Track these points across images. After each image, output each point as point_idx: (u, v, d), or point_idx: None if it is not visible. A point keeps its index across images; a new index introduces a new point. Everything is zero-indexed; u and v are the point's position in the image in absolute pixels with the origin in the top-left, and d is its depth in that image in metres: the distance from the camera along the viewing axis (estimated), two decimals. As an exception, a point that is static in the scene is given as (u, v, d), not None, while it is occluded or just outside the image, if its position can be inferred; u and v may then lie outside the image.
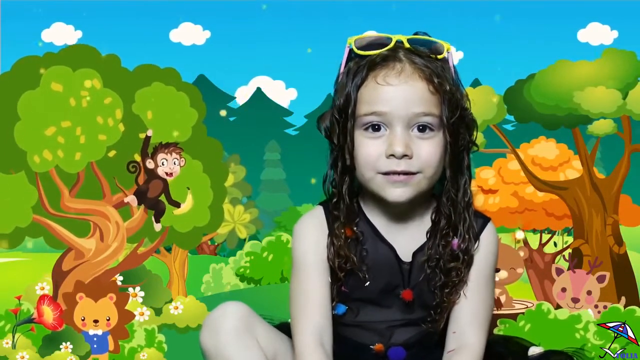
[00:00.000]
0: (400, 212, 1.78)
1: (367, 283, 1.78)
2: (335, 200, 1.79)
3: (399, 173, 1.69)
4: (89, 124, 2.47)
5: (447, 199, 1.77)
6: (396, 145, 1.67)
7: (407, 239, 1.79)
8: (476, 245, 1.79)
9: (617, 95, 2.47)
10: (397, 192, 1.71)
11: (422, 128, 1.70)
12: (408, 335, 1.81)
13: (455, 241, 1.76)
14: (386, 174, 1.70)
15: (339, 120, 1.75)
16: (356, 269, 1.77)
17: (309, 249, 1.80)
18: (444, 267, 1.76)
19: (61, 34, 2.51)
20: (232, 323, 1.75)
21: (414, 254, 1.78)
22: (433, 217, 1.79)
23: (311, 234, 1.80)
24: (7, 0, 2.51)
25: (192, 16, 2.51)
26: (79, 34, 2.51)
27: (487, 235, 1.82)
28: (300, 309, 1.77)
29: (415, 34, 1.79)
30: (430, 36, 1.79)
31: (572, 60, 2.49)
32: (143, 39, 2.51)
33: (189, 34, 2.52)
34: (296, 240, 1.82)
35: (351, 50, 1.78)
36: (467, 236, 1.77)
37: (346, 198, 1.77)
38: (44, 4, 2.50)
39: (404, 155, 1.68)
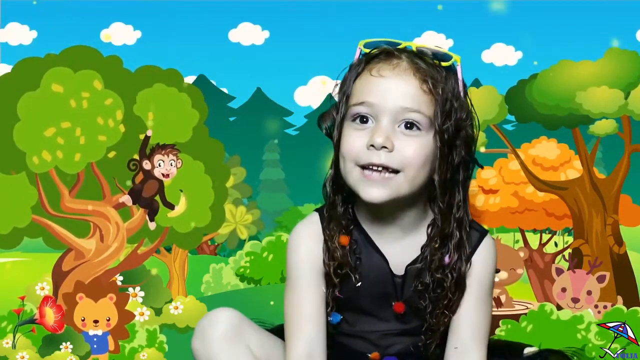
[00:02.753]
0: (391, 221, 1.76)
1: (359, 284, 1.77)
2: (330, 200, 1.79)
3: (377, 166, 1.67)
4: (89, 125, 2.48)
5: (437, 210, 1.75)
6: (377, 136, 1.66)
7: (401, 251, 1.78)
8: (468, 266, 1.77)
9: (619, 95, 2.46)
10: (374, 192, 1.69)
11: (409, 125, 1.68)
12: (403, 345, 1.81)
13: (447, 258, 1.75)
14: (364, 167, 1.68)
15: (335, 116, 1.75)
16: (350, 271, 1.77)
17: (302, 260, 1.79)
18: (433, 284, 1.75)
19: (120, 34, 2.51)
20: (222, 330, 1.75)
21: (407, 268, 1.77)
22: (429, 230, 1.78)
23: (305, 244, 1.80)
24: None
25: (251, 16, 2.51)
26: (137, 34, 2.51)
27: (483, 253, 1.79)
28: (292, 322, 1.77)
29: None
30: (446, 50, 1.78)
31: (575, 60, 2.48)
32: (202, 38, 2.50)
33: (248, 34, 2.51)
34: (290, 251, 1.82)
35: (361, 53, 1.78)
36: (456, 255, 1.75)
37: (330, 194, 1.77)
38: (102, 3, 2.51)
39: (384, 147, 1.66)
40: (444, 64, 1.74)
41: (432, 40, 2.45)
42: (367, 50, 1.77)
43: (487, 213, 2.47)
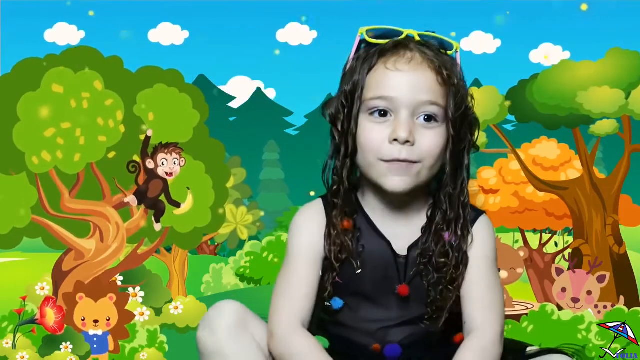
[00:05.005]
0: (397, 206, 1.79)
1: (359, 271, 1.78)
2: (335, 187, 1.79)
3: (400, 161, 1.70)
4: (89, 126, 2.48)
5: (445, 196, 1.77)
6: (400, 130, 1.69)
7: (403, 234, 1.80)
8: (470, 241, 1.79)
9: (620, 95, 2.46)
10: (396, 181, 1.72)
11: (428, 118, 1.72)
12: (404, 334, 1.82)
13: (447, 235, 1.77)
14: (388, 161, 1.71)
15: (345, 105, 1.76)
16: (352, 258, 1.78)
17: (303, 242, 1.81)
18: (436, 263, 1.77)
19: (167, 34, 2.52)
20: (229, 321, 1.75)
21: (409, 249, 1.79)
22: (429, 213, 1.80)
23: (307, 227, 1.81)
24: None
25: (297, 16, 2.51)
26: (185, 33, 2.52)
27: (480, 226, 1.82)
28: (284, 296, 1.78)
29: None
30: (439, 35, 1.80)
31: (576, 60, 2.48)
32: (249, 38, 2.51)
33: (295, 33, 2.52)
34: (291, 233, 1.83)
35: (362, 41, 1.79)
36: (459, 233, 1.77)
37: (345, 182, 1.78)
38: (148, 4, 2.52)
39: (407, 142, 1.69)
40: (448, 52, 1.77)
41: (481, 41, 2.47)
42: (373, 41, 1.78)
43: (487, 213, 2.46)
